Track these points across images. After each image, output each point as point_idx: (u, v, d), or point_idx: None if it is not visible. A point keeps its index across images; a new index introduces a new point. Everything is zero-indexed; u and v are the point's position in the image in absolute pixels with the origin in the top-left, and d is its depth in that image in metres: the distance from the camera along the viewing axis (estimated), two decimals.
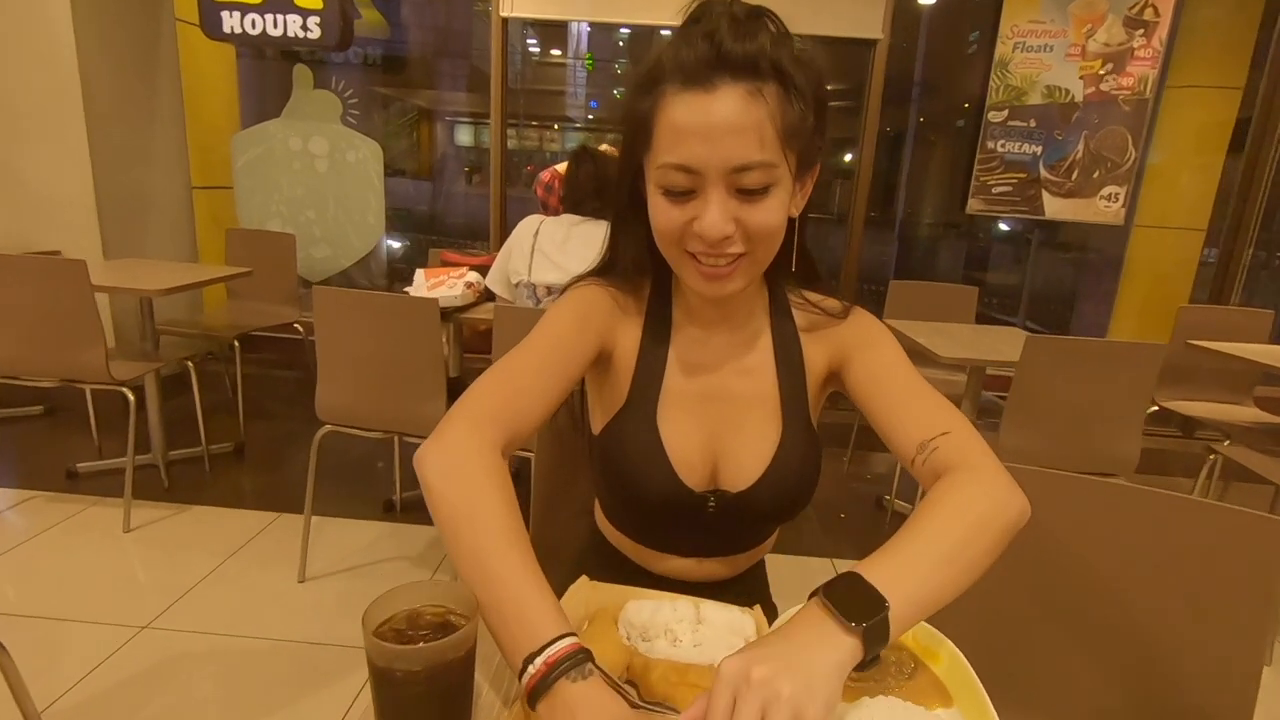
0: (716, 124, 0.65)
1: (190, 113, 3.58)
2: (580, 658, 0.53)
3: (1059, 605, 0.94)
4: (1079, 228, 4.87)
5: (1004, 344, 2.35)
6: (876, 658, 0.54)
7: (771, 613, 0.89)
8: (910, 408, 0.75)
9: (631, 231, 0.81)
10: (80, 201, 3.03)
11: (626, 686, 0.59)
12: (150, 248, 3.37)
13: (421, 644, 0.50)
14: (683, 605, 0.69)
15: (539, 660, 0.53)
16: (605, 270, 0.86)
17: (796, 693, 0.47)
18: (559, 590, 0.74)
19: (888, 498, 2.82)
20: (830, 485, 3.04)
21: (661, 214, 0.71)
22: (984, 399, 2.58)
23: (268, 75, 4.01)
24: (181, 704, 1.59)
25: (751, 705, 0.46)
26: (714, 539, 0.86)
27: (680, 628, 0.66)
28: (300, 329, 3.22)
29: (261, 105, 3.83)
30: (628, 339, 0.83)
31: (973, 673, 0.64)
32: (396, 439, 2.24)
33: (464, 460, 0.65)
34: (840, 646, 0.52)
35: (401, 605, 0.54)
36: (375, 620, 0.52)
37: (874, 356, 0.80)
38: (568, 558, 1.00)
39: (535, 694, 0.52)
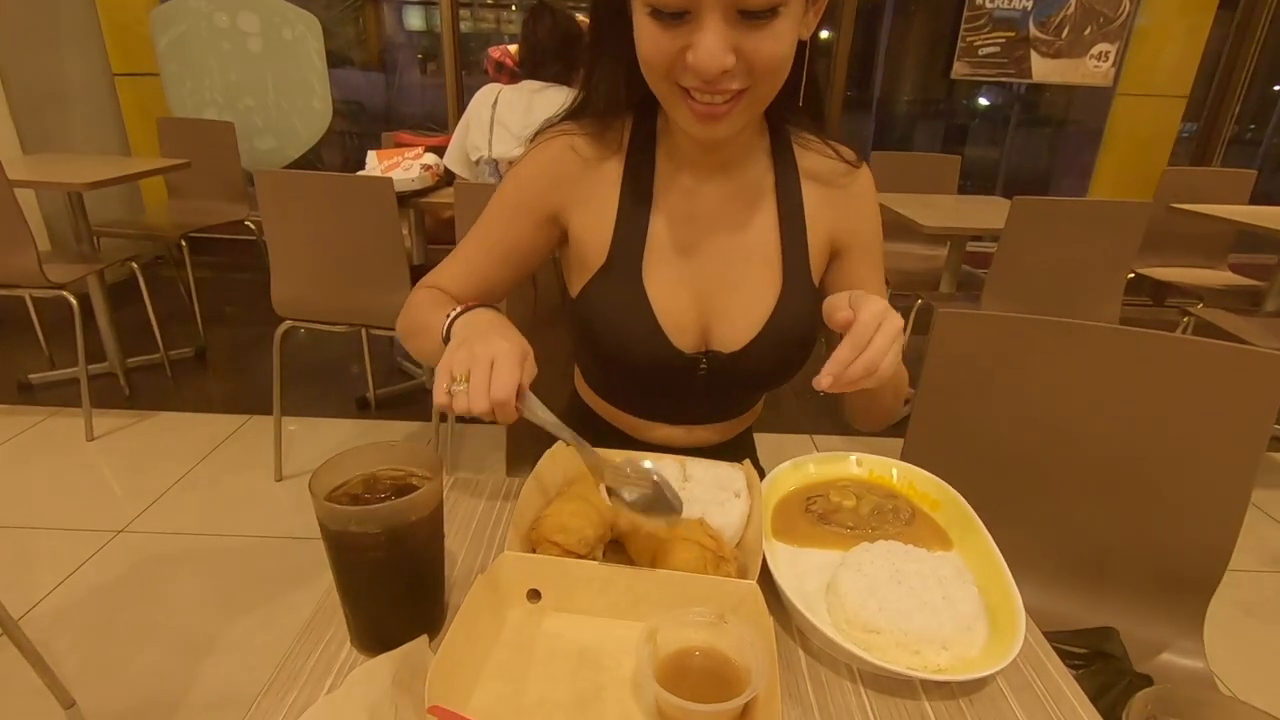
0: None
1: None
2: (471, 307, 0.66)
3: (1060, 447, 0.92)
4: (1059, 101, 4.70)
5: (987, 212, 2.28)
6: None
7: (761, 474, 0.86)
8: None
9: (610, 61, 0.70)
10: None
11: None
12: (75, 142, 3.09)
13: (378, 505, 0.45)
14: (668, 464, 0.64)
15: (447, 321, 0.65)
16: (579, 111, 0.75)
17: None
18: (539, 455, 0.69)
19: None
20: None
21: (649, 41, 0.60)
22: (964, 273, 2.54)
23: None
24: (167, 602, 1.58)
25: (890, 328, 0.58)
26: (704, 405, 0.81)
27: None
28: (252, 227, 3.02)
29: None
30: (603, 192, 0.74)
31: (975, 516, 0.61)
32: (364, 335, 2.15)
33: (408, 302, 0.78)
34: None
35: (356, 470, 0.49)
36: (327, 485, 0.46)
37: (863, 263, 0.79)
38: None
39: (447, 337, 0.64)
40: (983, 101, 6.48)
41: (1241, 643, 1.61)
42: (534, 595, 0.53)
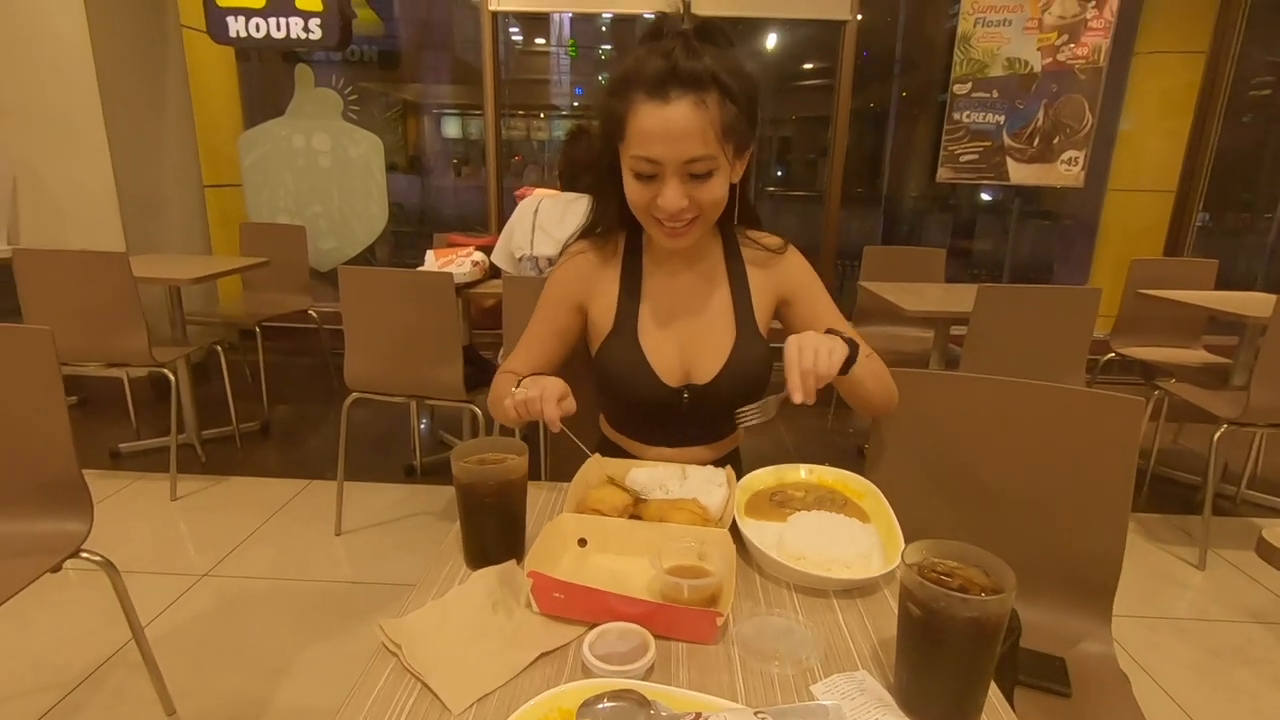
0: (672, 129, 0.88)
1: (197, 114, 3.77)
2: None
3: (982, 476, 1.17)
4: (1054, 197, 5.06)
5: (965, 298, 2.57)
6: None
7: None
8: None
9: (609, 199, 1.05)
10: (103, 201, 3.22)
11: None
12: (167, 244, 3.56)
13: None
14: (673, 467, 0.92)
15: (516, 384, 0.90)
16: (589, 232, 1.11)
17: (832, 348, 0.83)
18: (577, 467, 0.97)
19: (867, 447, 3.06)
20: (815, 438, 3.28)
21: (634, 191, 0.95)
22: (951, 352, 2.81)
23: (265, 75, 4.18)
24: (247, 633, 1.82)
25: (810, 345, 0.82)
26: (691, 427, 1.10)
27: (671, 483, 0.89)
28: (315, 316, 3.42)
29: (261, 104, 4.01)
30: (609, 284, 1.08)
31: (888, 506, 0.87)
32: (414, 409, 2.46)
33: (493, 384, 1.08)
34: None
35: (476, 451, 0.77)
36: (461, 456, 0.75)
37: (811, 303, 1.08)
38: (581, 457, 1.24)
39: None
40: (985, 197, 6.89)
41: (1210, 682, 1.76)
42: (582, 542, 0.79)
